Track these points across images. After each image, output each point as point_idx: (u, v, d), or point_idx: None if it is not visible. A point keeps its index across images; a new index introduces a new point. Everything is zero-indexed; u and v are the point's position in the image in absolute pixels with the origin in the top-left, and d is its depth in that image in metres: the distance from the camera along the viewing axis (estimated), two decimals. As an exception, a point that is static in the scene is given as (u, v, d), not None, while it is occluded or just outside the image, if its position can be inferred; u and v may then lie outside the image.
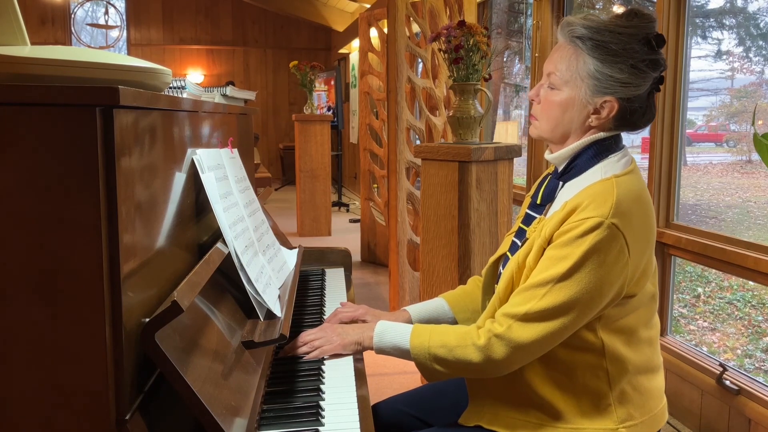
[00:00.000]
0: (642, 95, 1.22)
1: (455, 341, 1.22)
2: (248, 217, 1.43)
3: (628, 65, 1.20)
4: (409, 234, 3.72)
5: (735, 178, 6.65)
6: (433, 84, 4.12)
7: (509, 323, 1.17)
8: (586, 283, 1.14)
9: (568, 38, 1.23)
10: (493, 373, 1.22)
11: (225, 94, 1.88)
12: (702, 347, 3.98)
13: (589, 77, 1.21)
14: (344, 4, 9.33)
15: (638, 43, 1.20)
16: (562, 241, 1.17)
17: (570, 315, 1.16)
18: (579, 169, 1.26)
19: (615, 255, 1.15)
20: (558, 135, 1.28)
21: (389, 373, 2.99)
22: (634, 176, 1.24)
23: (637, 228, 1.17)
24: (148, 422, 0.88)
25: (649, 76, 1.21)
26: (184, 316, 0.96)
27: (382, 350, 1.31)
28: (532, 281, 1.18)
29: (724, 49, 5.29)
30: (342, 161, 9.24)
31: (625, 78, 1.20)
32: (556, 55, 1.26)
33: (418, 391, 1.55)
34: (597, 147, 1.25)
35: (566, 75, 1.23)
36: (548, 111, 1.27)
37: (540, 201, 1.33)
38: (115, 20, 11.00)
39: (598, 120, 1.24)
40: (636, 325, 1.24)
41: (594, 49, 1.20)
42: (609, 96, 1.21)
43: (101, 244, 0.80)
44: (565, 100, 1.25)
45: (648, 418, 1.26)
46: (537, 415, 1.23)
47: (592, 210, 1.15)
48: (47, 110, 0.78)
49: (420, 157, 2.57)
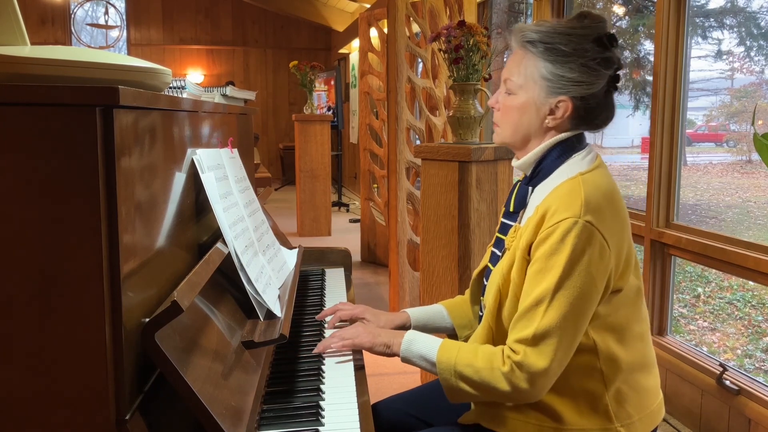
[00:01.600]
0: (597, 94, 1.24)
1: (482, 362, 1.20)
2: (248, 217, 1.43)
3: (579, 64, 1.22)
4: (409, 234, 3.72)
5: (735, 178, 6.65)
6: (433, 84, 4.12)
7: (523, 350, 1.16)
8: (580, 286, 1.15)
9: (520, 44, 1.27)
10: (521, 401, 1.20)
11: (225, 94, 1.88)
12: (702, 347, 3.98)
13: (542, 79, 1.24)
14: (344, 4, 9.33)
15: (589, 43, 1.22)
16: (545, 252, 1.17)
17: (575, 322, 1.16)
18: (546, 172, 1.28)
19: (597, 251, 1.15)
20: (519, 139, 1.31)
21: (389, 373, 2.99)
22: (600, 171, 1.25)
23: (610, 221, 1.18)
24: (148, 422, 0.88)
25: (602, 74, 1.23)
26: (184, 316, 0.96)
27: (408, 359, 1.29)
28: (529, 300, 1.18)
29: (724, 49, 5.29)
30: (342, 161, 9.24)
31: (576, 77, 1.22)
32: (510, 62, 1.30)
33: (418, 390, 1.55)
34: (560, 148, 1.27)
35: (520, 79, 1.27)
36: (507, 116, 1.30)
37: (513, 209, 1.34)
38: (115, 20, 11.00)
39: (555, 120, 1.26)
40: (625, 321, 1.25)
41: (545, 52, 1.23)
42: (563, 96, 1.24)
43: (101, 244, 0.80)
44: (521, 103, 1.27)
45: (645, 415, 1.27)
46: (536, 416, 1.24)
47: (563, 212, 1.16)
48: (47, 110, 0.78)
49: (420, 157, 2.57)
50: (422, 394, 1.52)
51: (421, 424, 1.47)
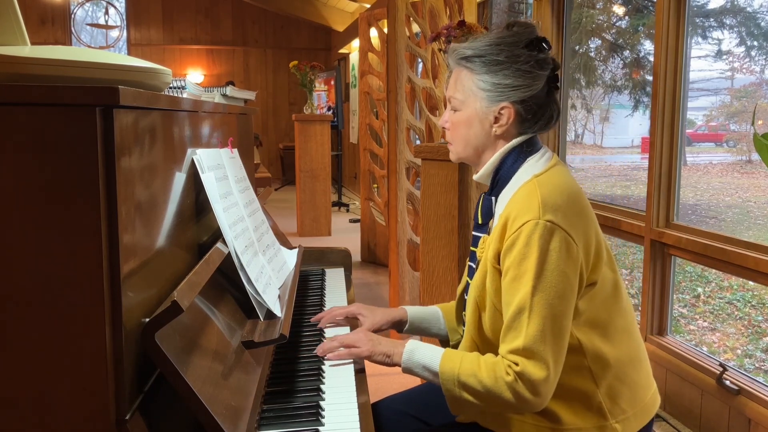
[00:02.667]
0: (538, 95, 1.27)
1: (485, 372, 1.19)
2: (248, 217, 1.43)
3: (513, 69, 1.25)
4: (409, 234, 3.72)
5: (735, 178, 6.66)
6: (433, 84, 4.12)
7: (521, 360, 1.16)
8: (556, 285, 1.16)
9: (456, 62, 1.32)
10: (527, 411, 1.21)
11: (225, 94, 1.88)
12: (702, 347, 3.98)
13: (480, 91, 1.28)
14: (344, 4, 9.33)
15: (520, 49, 1.26)
16: (513, 259, 1.18)
17: (560, 321, 1.16)
18: (504, 179, 1.30)
19: (564, 247, 1.16)
20: (471, 152, 1.34)
21: (389, 373, 2.99)
22: (556, 170, 1.27)
23: (571, 217, 1.19)
24: (148, 422, 0.88)
25: (538, 75, 1.26)
26: (184, 316, 0.96)
27: (410, 369, 1.28)
28: (511, 310, 1.18)
29: (724, 49, 5.29)
30: (342, 161, 9.24)
31: (512, 82, 1.26)
32: (450, 81, 1.34)
33: (418, 390, 1.55)
34: (514, 154, 1.30)
35: (462, 95, 1.31)
36: (456, 132, 1.34)
37: (481, 221, 1.35)
38: (115, 20, 11.00)
39: (501, 128, 1.29)
40: (607, 316, 1.25)
41: (479, 65, 1.28)
42: (504, 102, 1.27)
43: (101, 244, 0.80)
44: (466, 117, 1.31)
45: (639, 409, 1.27)
46: (533, 417, 1.24)
47: (523, 215, 1.18)
48: (47, 110, 0.78)
49: (420, 157, 2.57)
50: (422, 394, 1.52)
51: (421, 423, 1.47)
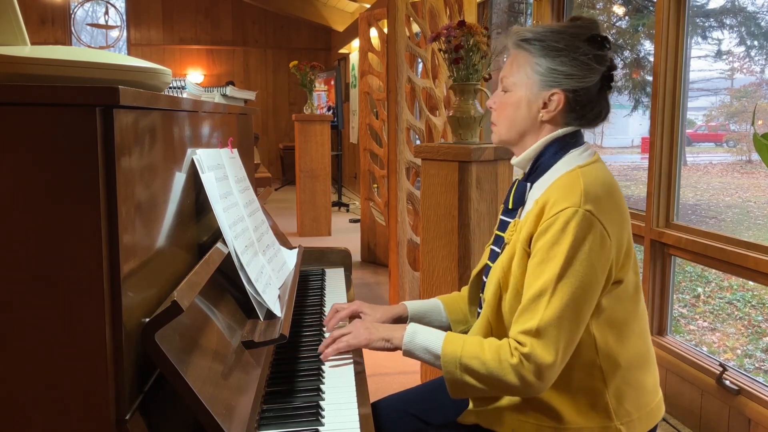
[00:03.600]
0: (590, 89, 1.27)
1: (489, 354, 1.19)
2: (248, 217, 1.43)
3: (571, 58, 1.25)
4: (409, 234, 3.72)
5: (735, 178, 6.65)
6: (433, 84, 4.12)
7: (530, 342, 1.15)
8: (582, 276, 1.15)
9: (515, 44, 1.31)
10: (528, 394, 1.20)
11: (225, 94, 1.88)
12: (702, 347, 3.98)
13: (535, 74, 1.28)
14: (344, 4, 9.33)
15: (581, 41, 1.26)
16: (545, 242, 1.17)
17: (579, 312, 1.16)
18: (543, 168, 1.29)
19: (599, 240, 1.16)
20: (514, 134, 1.33)
21: (389, 373, 2.99)
22: (598, 165, 1.27)
23: (610, 211, 1.19)
24: (148, 422, 0.88)
25: (594, 69, 1.26)
26: (184, 316, 0.96)
27: (410, 352, 1.28)
28: (532, 291, 1.17)
29: (724, 49, 5.29)
30: (342, 161, 9.24)
31: (568, 70, 1.25)
32: (507, 62, 1.34)
33: (417, 390, 1.55)
34: (557, 144, 1.29)
35: (515, 77, 1.31)
36: (502, 112, 1.34)
37: (512, 206, 1.35)
38: (115, 20, 11.00)
39: (548, 114, 1.28)
40: (625, 317, 1.25)
41: (538, 49, 1.27)
42: (555, 89, 1.27)
43: (101, 244, 0.80)
44: (516, 99, 1.31)
45: (644, 413, 1.27)
46: (535, 415, 1.24)
47: (563, 202, 1.18)
48: (47, 110, 0.78)
49: (420, 157, 2.57)
50: (422, 394, 1.52)
51: (421, 423, 1.47)
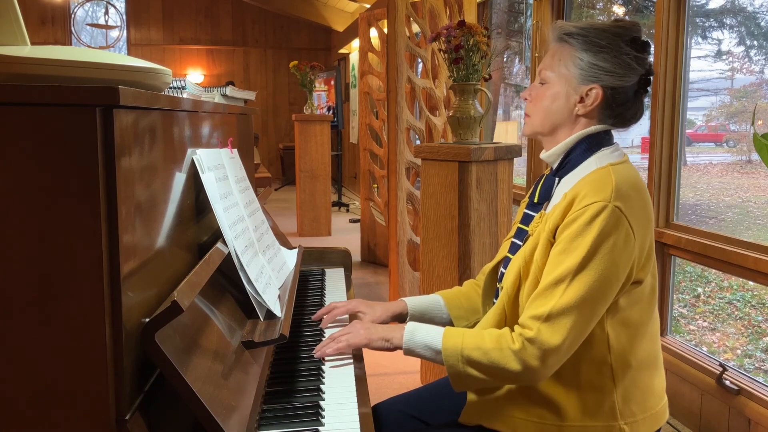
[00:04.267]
0: (628, 89, 1.27)
1: (491, 344, 1.19)
2: (248, 217, 1.43)
3: (613, 55, 1.25)
4: (409, 234, 3.72)
5: (735, 178, 6.65)
6: (433, 84, 4.12)
7: (537, 326, 1.16)
8: (602, 270, 1.15)
9: (558, 37, 1.31)
10: (530, 381, 1.20)
11: (225, 94, 1.88)
12: (702, 347, 3.98)
13: (575, 68, 1.27)
14: (344, 4, 9.33)
15: (624, 42, 1.26)
16: (570, 233, 1.17)
17: (593, 305, 1.16)
18: (573, 163, 1.29)
19: (623, 237, 1.16)
20: (548, 126, 1.32)
21: (389, 373, 2.99)
22: (630, 166, 1.27)
23: (638, 211, 1.19)
24: (148, 422, 0.88)
25: (634, 69, 1.26)
26: (184, 316, 0.96)
27: (411, 350, 1.28)
28: (549, 279, 1.18)
29: (724, 49, 5.29)
30: (342, 161, 9.24)
31: (609, 67, 1.25)
32: (547, 55, 1.33)
33: (418, 391, 1.55)
34: (589, 141, 1.29)
35: (555, 70, 1.30)
36: (538, 104, 1.33)
37: (537, 200, 1.35)
38: (115, 20, 11.00)
39: (585, 108, 1.28)
40: (640, 319, 1.25)
41: (581, 43, 1.27)
42: (594, 84, 1.26)
43: (101, 245, 0.80)
44: (553, 92, 1.30)
45: (649, 416, 1.27)
46: (538, 413, 1.23)
47: (594, 195, 1.18)
48: (47, 110, 0.78)
49: (420, 157, 2.57)
50: (422, 395, 1.52)
51: (422, 425, 1.47)
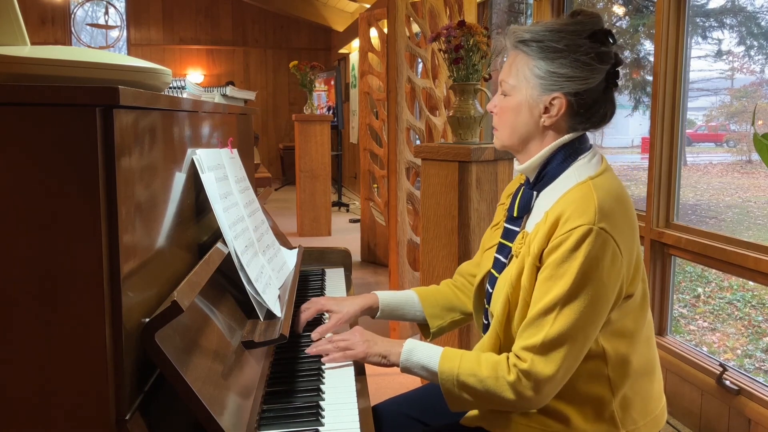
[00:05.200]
0: (595, 89, 1.22)
1: (486, 371, 1.18)
2: (248, 217, 1.43)
3: (571, 59, 1.20)
4: (409, 234, 3.72)
5: (735, 178, 6.65)
6: (433, 84, 4.12)
7: (530, 357, 1.15)
8: (592, 295, 1.13)
9: (513, 45, 1.26)
10: (525, 409, 1.20)
11: (225, 94, 1.88)
12: (702, 347, 3.98)
13: (534, 78, 1.23)
14: (344, 4, 9.33)
15: (583, 39, 1.20)
16: (556, 259, 1.15)
17: (584, 330, 1.14)
18: (551, 176, 1.25)
19: (610, 259, 1.14)
20: (516, 140, 1.29)
21: (389, 373, 2.99)
22: (609, 175, 1.23)
23: (622, 227, 1.17)
24: (148, 422, 0.88)
25: (597, 68, 1.20)
26: (184, 316, 0.96)
27: (408, 369, 1.27)
28: (538, 308, 1.16)
29: (725, 48, 5.29)
30: (342, 161, 9.24)
31: (569, 72, 1.20)
32: (506, 64, 1.29)
33: (419, 392, 1.55)
34: (564, 151, 1.25)
35: (514, 80, 1.26)
36: (503, 117, 1.29)
37: (516, 213, 1.32)
38: (115, 20, 11.00)
39: (551, 119, 1.24)
40: (634, 326, 1.24)
41: (537, 50, 1.22)
42: (556, 92, 1.22)
43: (101, 244, 0.80)
44: (516, 104, 1.26)
45: (649, 420, 1.26)
46: (540, 420, 1.23)
47: (577, 218, 1.14)
48: (47, 110, 0.78)
49: (420, 157, 2.57)
50: (423, 396, 1.52)
51: (422, 425, 1.46)
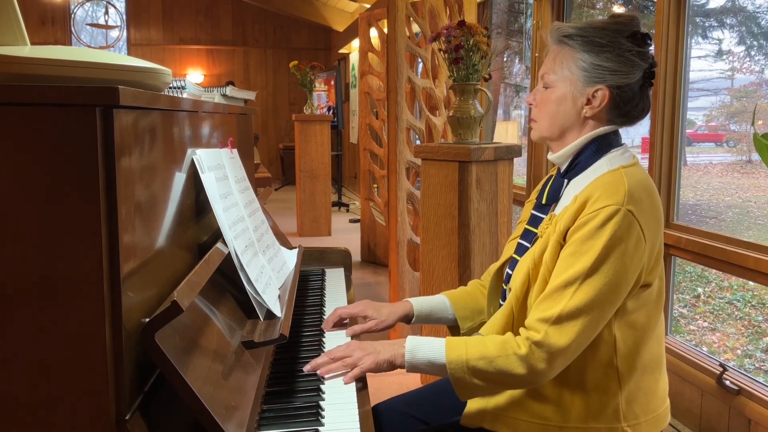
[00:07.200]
0: (633, 86, 1.26)
1: (495, 351, 1.18)
2: (248, 217, 1.43)
3: (615, 54, 1.24)
4: (409, 234, 3.72)
5: (735, 178, 6.65)
6: (433, 84, 4.12)
7: (545, 329, 1.16)
8: (612, 274, 1.15)
9: (557, 39, 1.30)
10: (535, 383, 1.20)
11: (225, 94, 1.88)
12: (702, 347, 3.98)
13: (578, 70, 1.26)
14: (344, 4, 9.33)
15: (624, 38, 1.25)
16: (582, 235, 1.17)
17: (601, 308, 1.16)
18: (583, 166, 1.29)
19: (634, 241, 1.16)
20: (556, 131, 1.31)
21: (389, 373, 2.99)
22: (640, 169, 1.27)
23: (649, 215, 1.19)
24: (148, 422, 0.88)
25: (638, 65, 1.25)
26: (184, 316, 0.96)
27: (415, 367, 1.26)
28: (558, 281, 1.18)
29: (725, 48, 5.29)
30: (342, 161, 9.24)
31: (613, 66, 1.24)
32: (548, 58, 1.32)
33: (419, 391, 1.55)
34: (598, 143, 1.28)
35: (558, 73, 1.29)
36: (544, 108, 1.31)
37: (545, 201, 1.35)
38: (115, 20, 11.00)
39: (592, 110, 1.27)
40: (647, 322, 1.25)
41: (581, 44, 1.26)
42: (600, 84, 1.25)
43: (101, 244, 0.80)
44: (559, 95, 1.29)
45: (652, 418, 1.27)
46: (541, 414, 1.23)
47: (606, 199, 1.17)
48: (47, 110, 0.78)
49: (420, 157, 2.57)
50: (423, 395, 1.52)
51: (422, 425, 1.47)
